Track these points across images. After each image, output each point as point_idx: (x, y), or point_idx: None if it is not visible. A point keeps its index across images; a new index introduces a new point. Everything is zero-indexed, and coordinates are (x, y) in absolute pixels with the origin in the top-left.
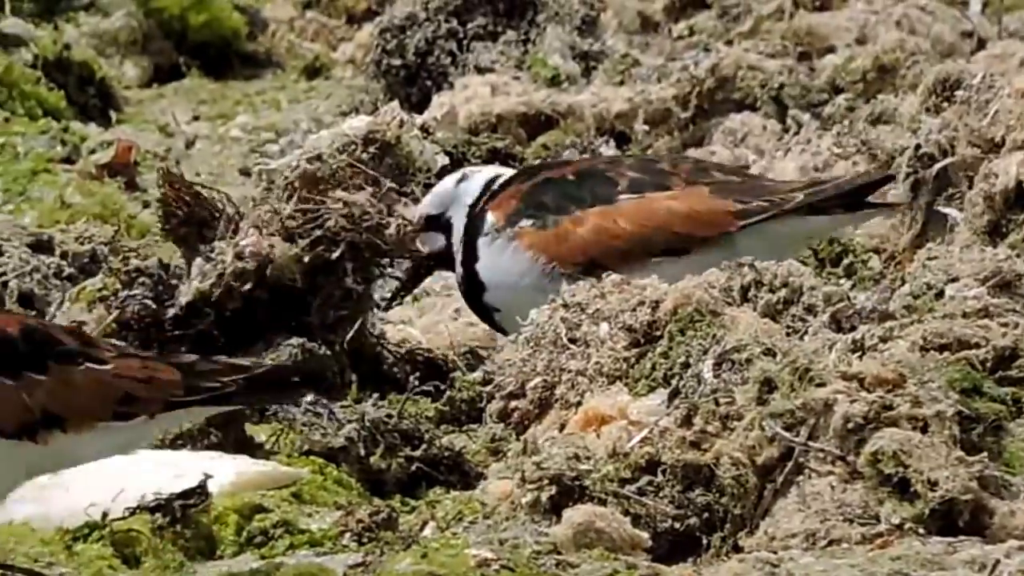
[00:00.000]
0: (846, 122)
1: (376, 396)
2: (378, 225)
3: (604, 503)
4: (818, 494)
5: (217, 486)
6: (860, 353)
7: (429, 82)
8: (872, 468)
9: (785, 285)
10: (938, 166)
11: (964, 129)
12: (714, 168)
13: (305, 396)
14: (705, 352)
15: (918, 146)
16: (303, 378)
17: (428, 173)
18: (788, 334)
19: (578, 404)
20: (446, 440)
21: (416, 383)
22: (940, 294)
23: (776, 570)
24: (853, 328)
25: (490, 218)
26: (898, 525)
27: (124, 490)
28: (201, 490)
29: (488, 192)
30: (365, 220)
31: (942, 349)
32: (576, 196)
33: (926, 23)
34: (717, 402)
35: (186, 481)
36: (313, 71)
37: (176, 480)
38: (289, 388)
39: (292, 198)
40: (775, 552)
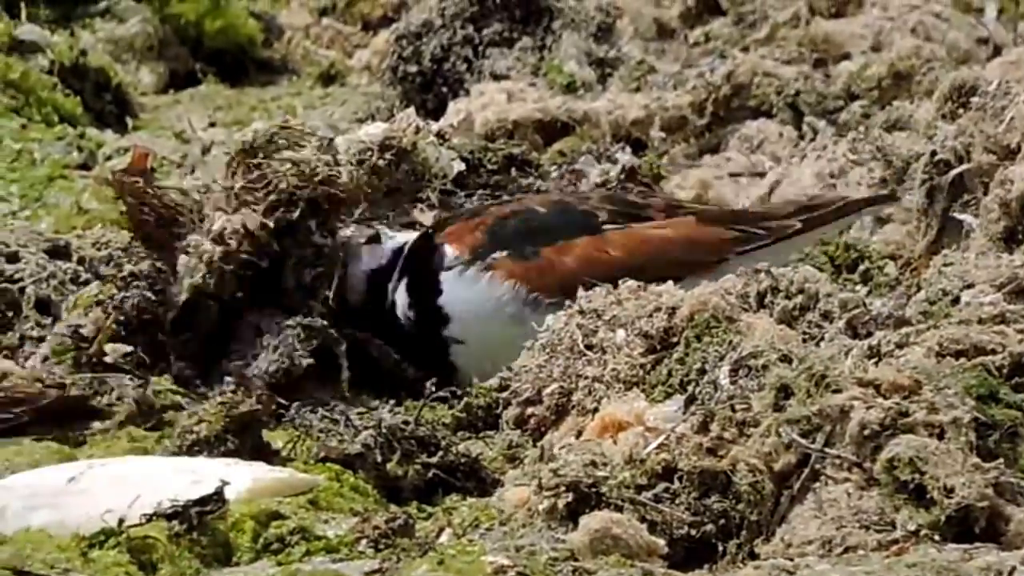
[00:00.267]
0: (862, 128)
1: (392, 402)
2: (329, 177)
3: (621, 510)
4: (834, 501)
5: (234, 493)
6: (876, 359)
7: (445, 89)
8: (888, 475)
9: (801, 291)
10: (954, 172)
11: (980, 135)
12: (685, 202)
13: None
14: (721, 358)
15: (933, 152)
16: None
17: (444, 179)
18: (804, 340)
19: (595, 410)
20: (463, 447)
21: (432, 389)
22: (956, 300)
23: None
24: (869, 334)
25: (451, 251)
26: (914, 532)
27: (140, 496)
28: (218, 497)
29: (394, 258)
30: (315, 174)
31: (958, 355)
32: (553, 227)
33: (941, 30)
34: (733, 408)
35: (203, 488)
36: (329, 78)
37: (193, 486)
38: (80, 416)
39: (237, 173)
40: (791, 559)
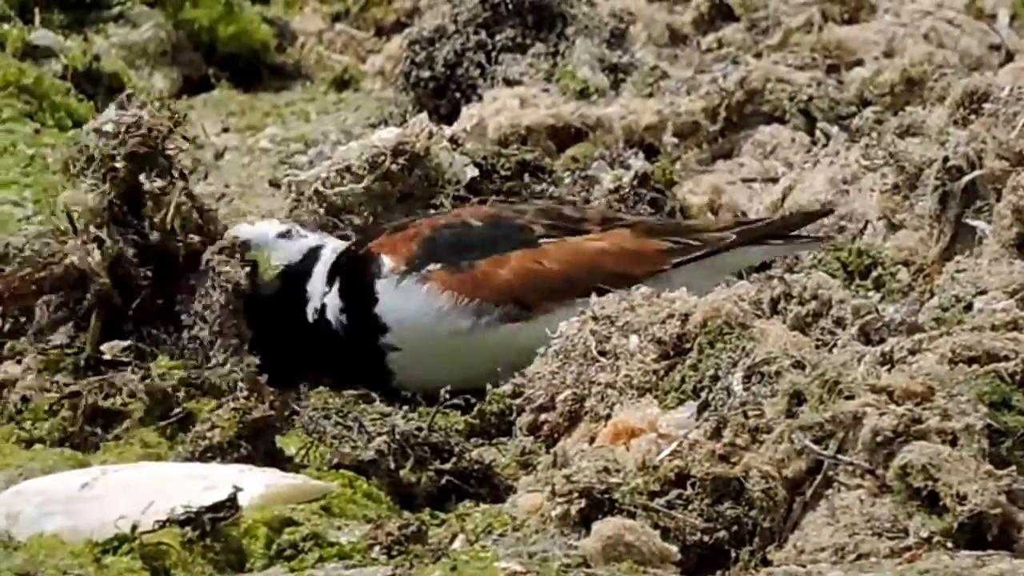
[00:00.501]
0: (874, 134)
1: (406, 408)
2: (149, 130)
3: (633, 516)
4: (847, 507)
5: (247, 499)
6: (889, 366)
7: (458, 94)
8: (901, 481)
9: (814, 298)
10: (966, 179)
11: (992, 142)
12: (622, 213)
13: None
14: (734, 365)
15: (946, 159)
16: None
17: (458, 185)
18: (817, 347)
19: (608, 417)
20: (476, 453)
21: (446, 396)
22: (969, 307)
23: None
24: (882, 341)
25: (388, 262)
26: (927, 539)
27: (154, 503)
28: (231, 503)
29: (310, 259)
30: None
31: (971, 362)
32: (489, 240)
33: (954, 36)
34: (746, 415)
35: (216, 494)
36: (342, 83)
37: (206, 493)
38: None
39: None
40: (804, 566)
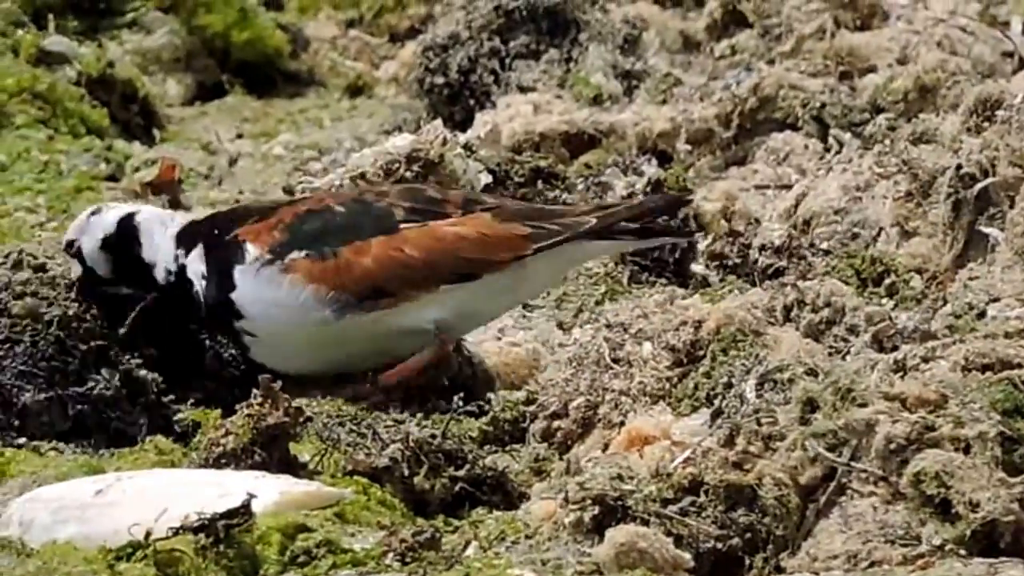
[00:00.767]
0: (887, 142)
1: (420, 416)
2: None
3: (647, 523)
4: (860, 515)
5: (261, 506)
6: (902, 373)
7: (472, 101)
8: (914, 489)
9: (827, 305)
10: (979, 186)
11: (1005, 149)
12: (484, 195)
13: None
14: (747, 372)
15: (959, 166)
16: None
17: (472, 192)
18: (830, 354)
19: (621, 424)
20: (489, 460)
21: (460, 403)
22: (982, 314)
23: None
24: (895, 348)
25: (251, 249)
26: (939, 546)
27: (167, 509)
28: (245, 510)
29: (126, 225)
30: None
31: (984, 369)
32: (351, 226)
33: (967, 43)
34: (759, 422)
35: (230, 501)
36: (356, 90)
37: (220, 500)
38: None
39: None
40: (817, 573)
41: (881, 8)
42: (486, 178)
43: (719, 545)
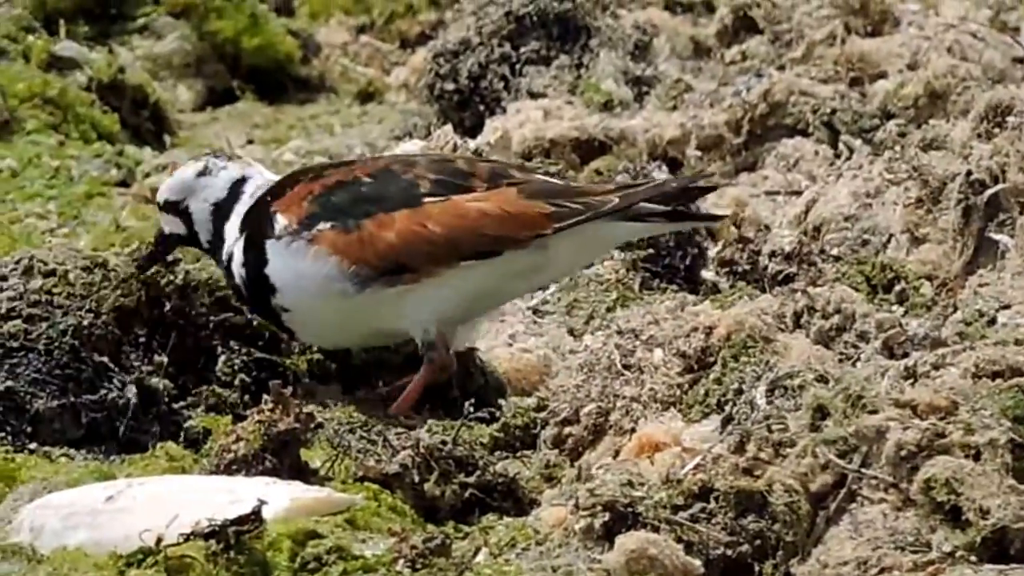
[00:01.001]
0: (897, 148)
1: (431, 422)
2: None
3: (657, 530)
4: (870, 522)
5: (271, 512)
6: (912, 380)
7: (482, 107)
8: (924, 496)
9: (838, 312)
10: (989, 192)
11: (1015, 155)
12: (515, 168)
13: None
14: (758, 379)
15: (969, 172)
16: None
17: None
18: (840, 361)
19: (632, 430)
20: (500, 466)
21: (470, 409)
22: (992, 321)
23: None
24: (905, 355)
25: (281, 220)
26: (950, 553)
27: (178, 516)
28: (255, 516)
29: (236, 194)
30: None
31: (994, 376)
32: (375, 198)
33: (977, 49)
34: (770, 429)
35: (241, 507)
36: (366, 95)
37: (231, 506)
38: None
39: None
40: None
41: (892, 14)
42: None
43: (729, 552)
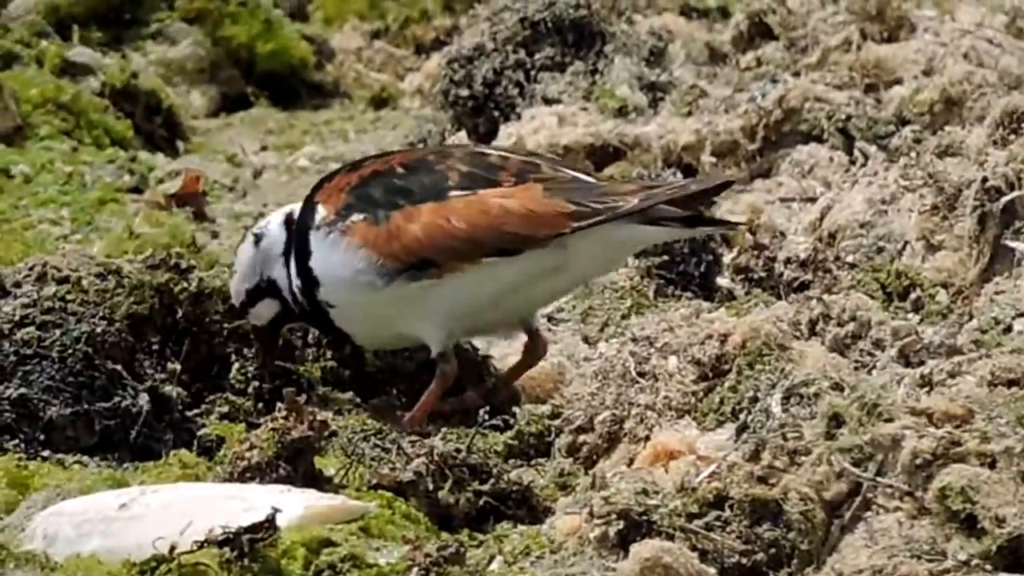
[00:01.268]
0: (913, 154)
1: (445, 429)
2: None
3: (672, 538)
4: (886, 530)
5: (285, 520)
6: (928, 388)
7: (496, 112)
8: (939, 504)
9: (853, 319)
10: (1005, 199)
11: None
12: (545, 163)
13: None
14: (773, 386)
15: (985, 179)
16: None
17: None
18: (856, 368)
19: (646, 438)
20: (514, 474)
21: (485, 417)
22: (1008, 329)
23: None
24: (921, 363)
25: (321, 211)
26: (965, 562)
27: (192, 523)
28: (269, 524)
29: (290, 231)
30: None
31: (1010, 384)
32: (404, 189)
33: (994, 55)
34: (785, 437)
35: (255, 515)
36: (380, 101)
37: (245, 514)
38: None
39: None
40: None
41: (908, 20)
42: None
43: (744, 560)
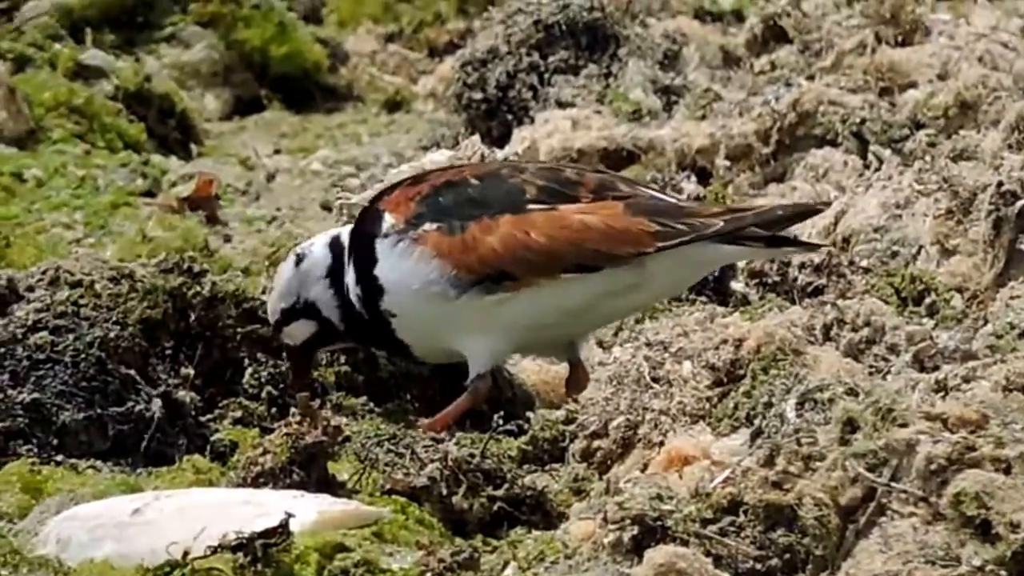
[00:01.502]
0: (927, 158)
1: (459, 435)
2: None
3: (686, 543)
4: (900, 535)
5: (299, 525)
6: (943, 393)
7: (510, 116)
8: (954, 509)
9: (867, 324)
10: (1020, 203)
11: None
12: (620, 181)
13: None
14: (788, 392)
15: (1000, 183)
16: None
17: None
18: (871, 374)
19: (661, 444)
20: (528, 480)
21: (499, 422)
22: (1023, 334)
23: None
24: (936, 368)
25: (388, 219)
26: (979, 567)
27: (205, 528)
28: (283, 529)
29: (340, 249)
30: None
31: None
32: (480, 201)
33: (1008, 59)
34: (799, 442)
35: (268, 520)
36: (394, 104)
37: (258, 519)
38: None
39: None
40: None
41: (922, 24)
42: None
43: (758, 565)
